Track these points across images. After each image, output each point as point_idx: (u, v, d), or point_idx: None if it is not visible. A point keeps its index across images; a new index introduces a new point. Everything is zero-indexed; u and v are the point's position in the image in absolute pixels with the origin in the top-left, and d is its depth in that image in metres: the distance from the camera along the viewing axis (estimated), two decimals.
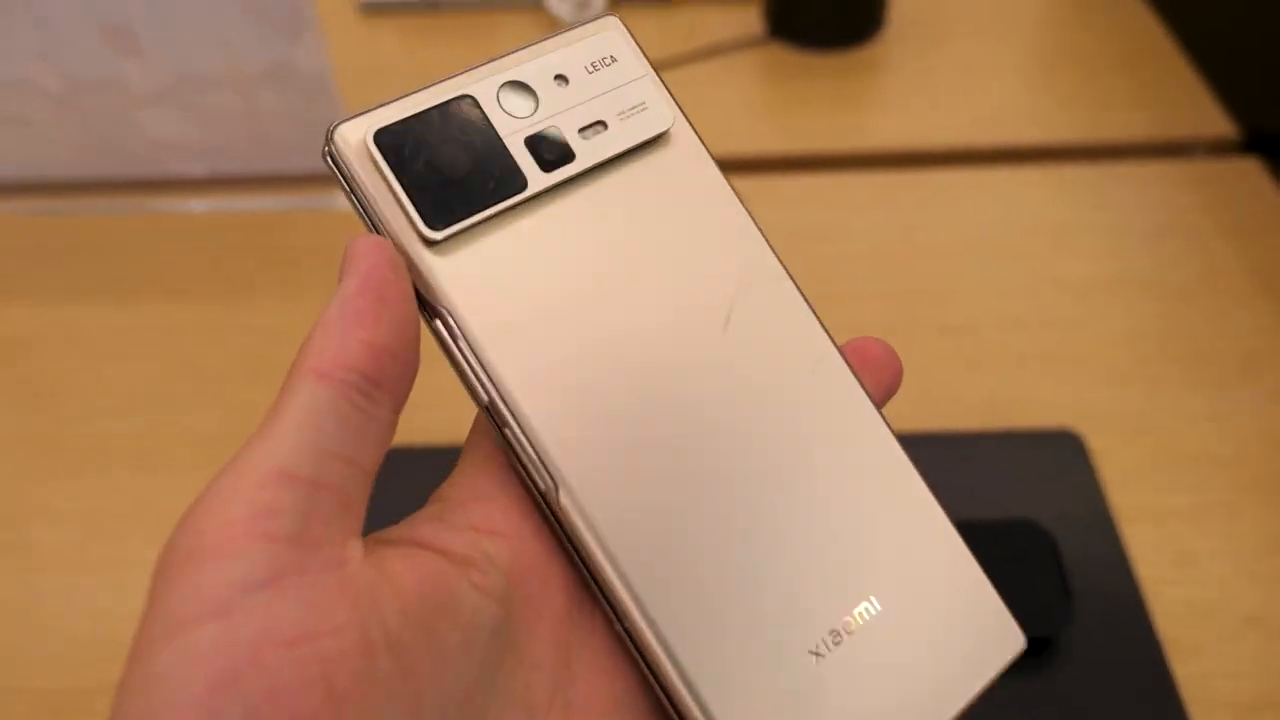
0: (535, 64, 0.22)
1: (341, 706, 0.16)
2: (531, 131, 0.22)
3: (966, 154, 0.70)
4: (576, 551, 0.21)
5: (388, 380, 0.20)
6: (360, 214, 0.21)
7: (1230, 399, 0.54)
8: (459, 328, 0.21)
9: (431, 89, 0.22)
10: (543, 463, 0.20)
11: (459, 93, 0.22)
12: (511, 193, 0.21)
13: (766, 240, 0.24)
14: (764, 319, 0.23)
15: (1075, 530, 0.48)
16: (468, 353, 0.21)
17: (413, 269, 0.21)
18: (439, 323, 0.21)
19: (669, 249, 0.23)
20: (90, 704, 0.45)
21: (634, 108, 0.23)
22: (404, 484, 0.25)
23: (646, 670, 0.21)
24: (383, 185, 0.21)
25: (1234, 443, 0.52)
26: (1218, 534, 0.48)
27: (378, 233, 0.21)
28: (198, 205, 0.67)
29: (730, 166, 0.71)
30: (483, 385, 0.21)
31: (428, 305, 0.21)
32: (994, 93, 0.74)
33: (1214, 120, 0.71)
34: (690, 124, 0.24)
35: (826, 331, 0.24)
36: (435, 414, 0.55)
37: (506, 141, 0.21)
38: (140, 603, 0.49)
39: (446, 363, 0.22)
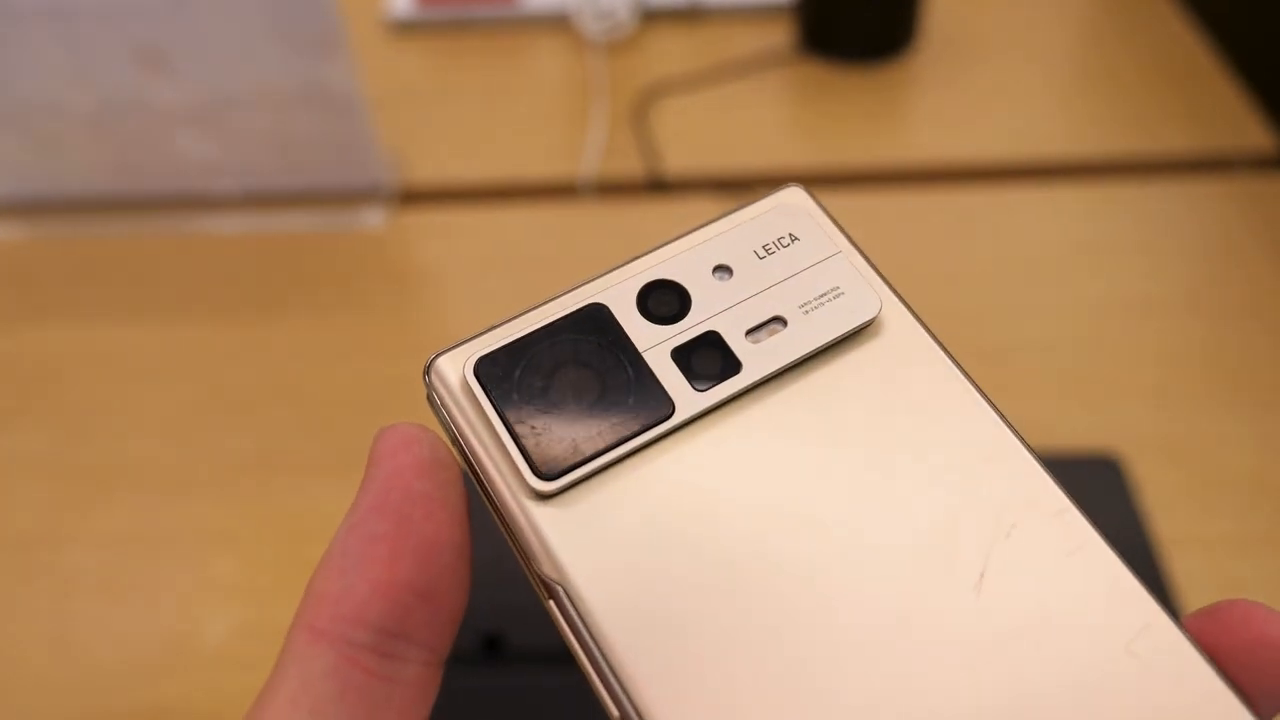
0: (687, 255, 0.18)
1: None
2: (681, 341, 0.17)
3: (1001, 171, 0.69)
4: None
5: (414, 629, 0.15)
6: (465, 467, 0.17)
7: (1276, 422, 0.52)
8: (578, 611, 0.15)
9: (558, 300, 0.18)
10: None
11: (586, 302, 0.17)
12: (652, 423, 0.16)
13: (1038, 459, 0.17)
14: (1043, 575, 0.16)
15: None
16: (591, 646, 0.15)
17: (522, 534, 0.16)
18: (553, 603, 0.15)
19: (879, 484, 0.16)
20: None
21: (823, 296, 0.18)
22: None
23: None
24: (485, 427, 0.17)
25: None
26: (1265, 562, 0.47)
27: (484, 490, 0.17)
28: (229, 224, 0.68)
29: (761, 183, 0.71)
30: (613, 694, 0.15)
31: (541, 580, 0.16)
32: (1029, 108, 0.73)
33: (1255, 134, 0.70)
34: (908, 307, 0.18)
35: (1155, 596, 0.16)
36: None
37: (647, 357, 0.17)
38: (171, 625, 0.49)
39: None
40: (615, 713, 0.15)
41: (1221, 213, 0.64)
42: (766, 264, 0.18)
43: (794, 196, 0.19)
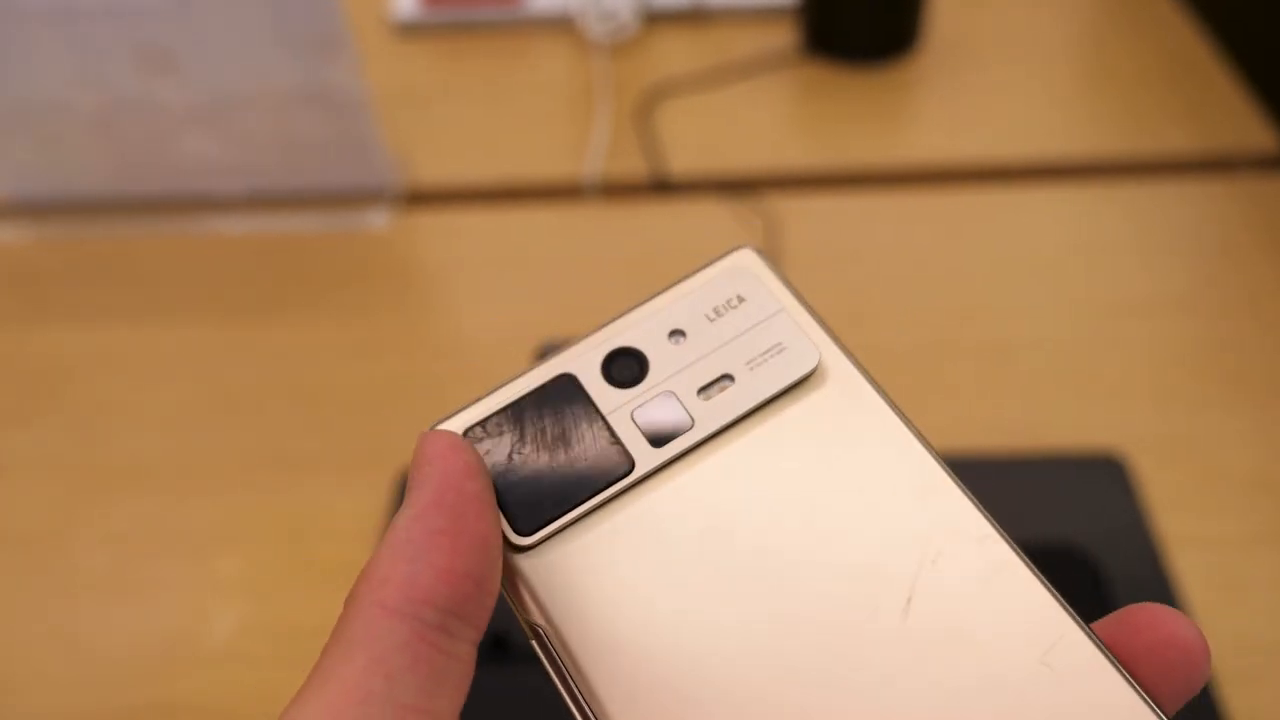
0: (646, 323, 0.19)
1: None
2: (639, 404, 0.19)
3: (1004, 171, 0.69)
4: None
5: (469, 612, 0.17)
6: None
7: (1278, 420, 0.53)
8: (557, 650, 0.17)
9: (533, 371, 0.19)
10: None
11: (557, 373, 0.19)
12: (615, 479, 0.18)
13: (964, 490, 0.19)
14: (965, 598, 0.17)
15: (1119, 557, 0.47)
16: (571, 680, 0.17)
17: (509, 582, 0.18)
18: (535, 643, 0.17)
19: (818, 522, 0.18)
20: None
21: (767, 352, 0.19)
22: None
23: None
24: None
25: None
26: (1270, 561, 0.47)
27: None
28: (234, 225, 0.68)
29: (765, 184, 0.71)
30: (583, 700, 0.17)
31: (525, 623, 0.18)
32: (1032, 109, 0.74)
33: (1257, 134, 0.70)
34: (849, 356, 0.20)
35: (1069, 610, 0.18)
36: None
37: (610, 420, 0.19)
38: (176, 622, 0.50)
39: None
40: None
41: (1223, 212, 0.64)
42: (716, 325, 0.19)
43: (744, 259, 0.20)
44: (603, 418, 0.19)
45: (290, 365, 0.59)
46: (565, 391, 0.19)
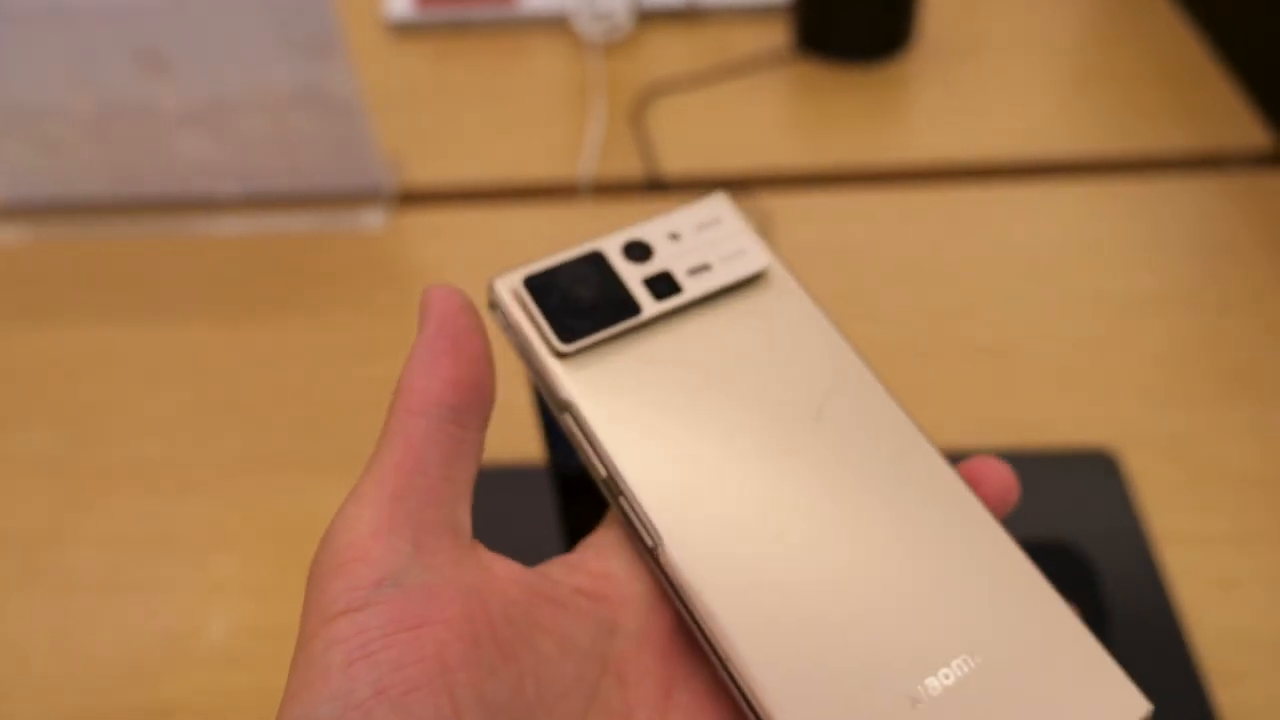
0: (653, 225, 0.28)
1: (452, 676, 0.20)
2: (647, 274, 0.27)
3: (999, 169, 0.69)
4: (681, 601, 0.23)
5: (472, 408, 0.24)
6: (513, 342, 0.26)
7: (1272, 417, 0.53)
8: (583, 418, 0.25)
9: (572, 249, 0.27)
10: (645, 523, 0.24)
11: (589, 250, 0.27)
12: (627, 316, 0.26)
13: (857, 353, 0.27)
14: (854, 412, 0.26)
15: (1112, 553, 0.47)
16: (590, 437, 0.25)
17: (549, 376, 0.25)
18: (567, 415, 0.25)
19: (766, 361, 0.26)
20: None
21: (734, 253, 0.27)
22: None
23: (746, 709, 0.22)
24: (526, 315, 0.26)
25: (1277, 463, 0.51)
26: (1261, 557, 0.47)
27: (527, 356, 0.26)
28: (229, 226, 0.68)
29: (759, 183, 0.71)
30: (602, 462, 0.25)
31: (560, 403, 0.25)
32: (1027, 107, 0.74)
33: (1253, 132, 0.70)
34: (788, 270, 0.28)
35: (914, 422, 0.27)
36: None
37: (626, 281, 0.26)
38: (171, 624, 0.50)
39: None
40: (603, 473, 0.25)
41: (1217, 210, 0.64)
42: (701, 234, 0.28)
43: (719, 199, 0.29)
44: (620, 278, 0.26)
45: (285, 366, 0.59)
46: (595, 261, 0.27)
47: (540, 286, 0.26)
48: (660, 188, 0.69)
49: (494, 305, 0.27)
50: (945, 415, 0.54)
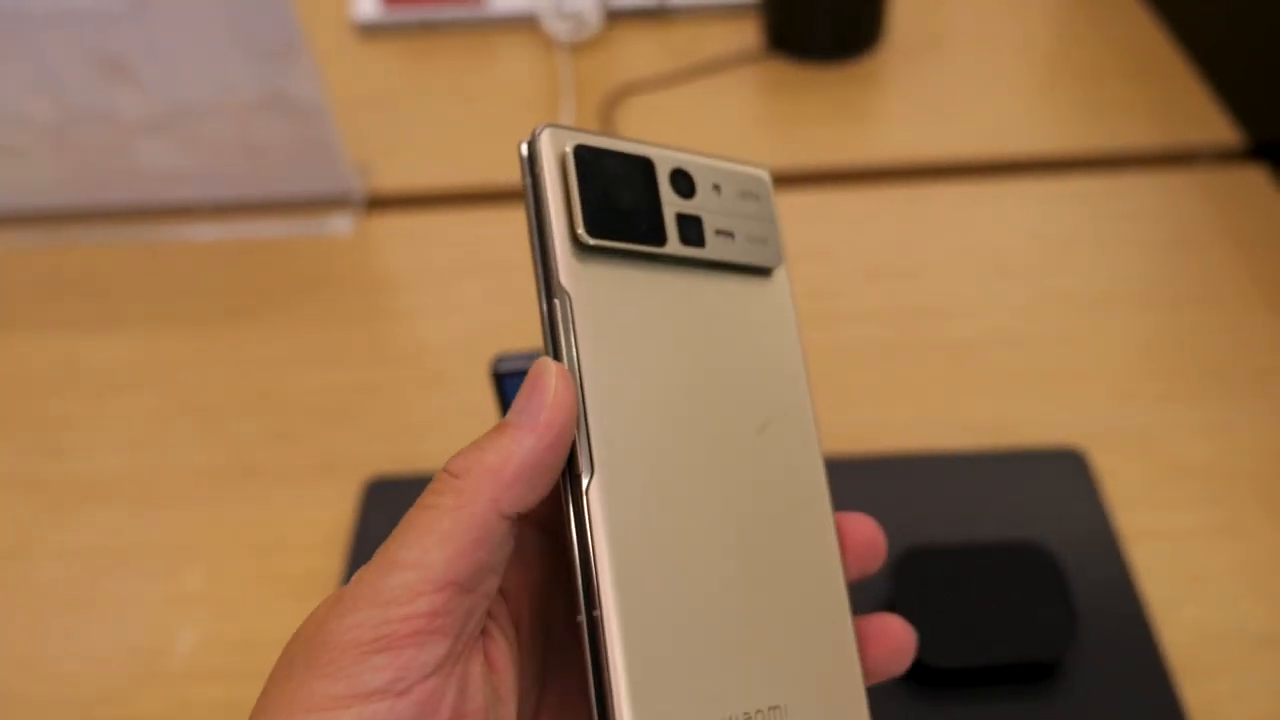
0: (704, 165, 0.27)
1: None
2: (682, 211, 0.26)
3: (967, 167, 0.70)
4: (579, 542, 0.23)
5: (535, 513, 0.24)
6: (531, 206, 0.24)
7: (1238, 413, 0.53)
8: (570, 313, 0.23)
9: (621, 139, 0.25)
10: (587, 447, 0.23)
11: (643, 154, 0.26)
12: (652, 243, 0.25)
13: (808, 386, 0.28)
14: (786, 442, 0.27)
15: (1080, 550, 0.47)
16: (567, 334, 0.23)
17: (555, 256, 0.24)
18: (556, 301, 0.24)
19: (740, 356, 0.26)
20: None
21: (758, 237, 0.27)
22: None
23: (590, 664, 0.23)
24: (562, 187, 0.24)
25: (1243, 458, 0.51)
26: (1228, 552, 0.48)
27: (540, 225, 0.24)
28: (195, 232, 0.67)
29: None
30: (570, 358, 0.24)
31: (555, 287, 0.24)
32: (994, 104, 0.74)
33: (1220, 128, 0.70)
34: (788, 278, 0.29)
35: (827, 477, 0.28)
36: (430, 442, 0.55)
37: (664, 208, 0.25)
38: (140, 638, 0.49)
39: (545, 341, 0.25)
40: (571, 367, 0.23)
41: (1185, 206, 0.65)
42: (739, 201, 0.27)
43: (764, 177, 0.28)
44: (660, 200, 0.25)
45: (253, 374, 0.59)
46: (644, 168, 0.25)
47: (587, 162, 0.24)
48: None
49: (530, 155, 0.24)
50: (914, 414, 0.54)
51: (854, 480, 0.51)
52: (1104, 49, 0.78)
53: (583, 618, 0.23)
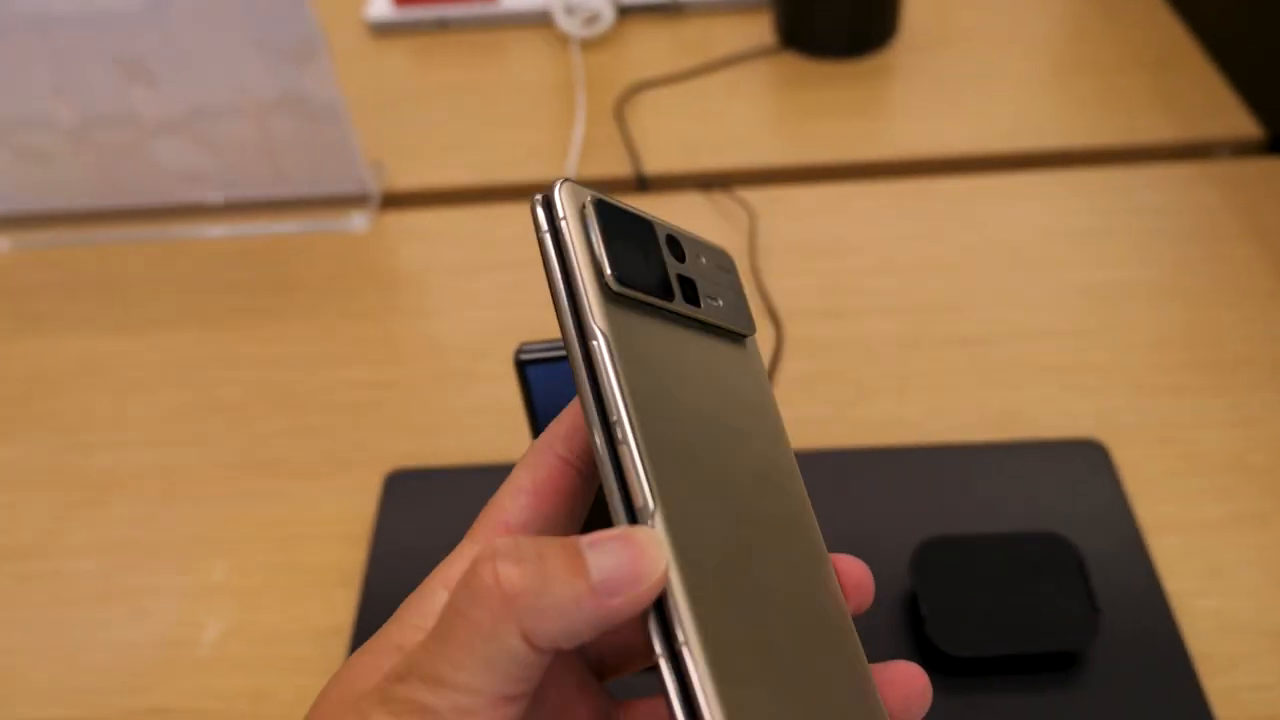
0: (686, 235, 0.28)
1: None
2: (680, 273, 0.27)
3: (982, 161, 0.70)
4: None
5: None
6: (553, 255, 0.25)
7: (1258, 405, 0.53)
8: (611, 351, 0.24)
9: (625, 203, 0.27)
10: (641, 480, 0.23)
11: (645, 216, 0.27)
12: (663, 298, 0.26)
13: (789, 445, 0.29)
14: (786, 492, 0.28)
15: (1101, 542, 0.47)
16: (612, 373, 0.24)
17: (586, 301, 0.24)
18: (594, 344, 0.24)
19: (739, 411, 0.28)
20: None
21: (735, 305, 0.29)
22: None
23: (678, 698, 0.22)
24: (584, 235, 0.24)
25: (1264, 450, 0.51)
26: (1249, 544, 0.48)
27: (564, 276, 0.24)
28: (214, 233, 0.68)
29: (743, 179, 0.71)
30: (615, 401, 0.24)
31: (588, 331, 0.24)
32: (1010, 98, 0.74)
33: (1237, 121, 0.70)
34: (758, 349, 0.30)
35: (809, 508, 0.29)
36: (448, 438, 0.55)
37: (668, 267, 0.27)
38: (165, 630, 0.49)
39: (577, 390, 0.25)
40: (615, 415, 0.24)
41: (1202, 199, 0.65)
42: (717, 273, 0.29)
43: (728, 255, 0.30)
44: (664, 259, 0.27)
45: (272, 371, 0.59)
46: (648, 229, 0.27)
47: (606, 216, 0.25)
48: (644, 184, 0.69)
49: (549, 206, 0.25)
50: (931, 408, 0.54)
51: (873, 471, 0.51)
52: (1119, 41, 0.78)
53: (661, 652, 0.22)
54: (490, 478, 0.27)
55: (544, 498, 0.25)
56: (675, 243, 0.27)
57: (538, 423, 0.36)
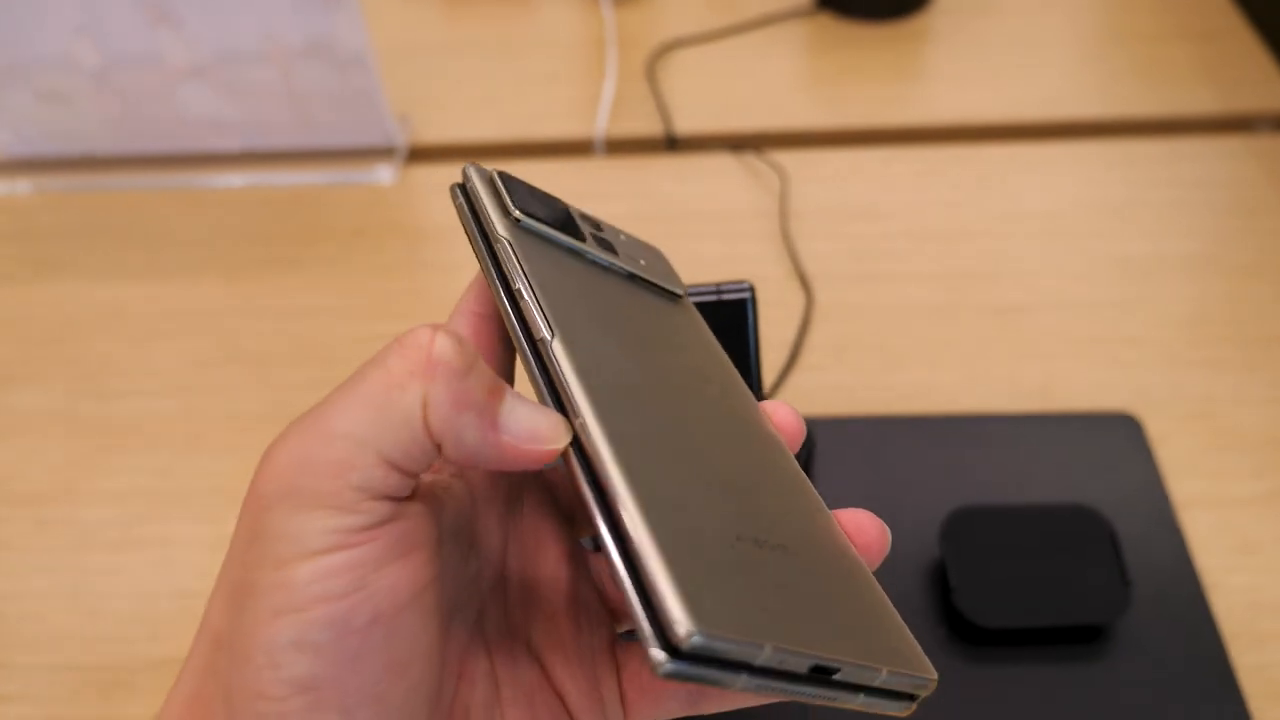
0: (610, 225, 0.30)
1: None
2: (595, 233, 0.29)
3: (1019, 129, 0.68)
4: (555, 396, 0.23)
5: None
6: (465, 213, 0.27)
7: None
8: (515, 251, 0.25)
9: (551, 196, 0.29)
10: (542, 313, 0.24)
11: (557, 198, 0.29)
12: (573, 235, 0.28)
13: (752, 398, 0.29)
14: (734, 402, 0.28)
15: (1133, 516, 0.46)
16: (522, 276, 0.25)
17: (491, 223, 0.26)
18: (499, 246, 0.25)
19: (679, 346, 0.28)
20: (135, 681, 0.45)
21: (663, 274, 0.30)
22: None
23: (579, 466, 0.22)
24: (492, 188, 0.27)
25: None
26: (1279, 519, 0.47)
27: (476, 221, 0.26)
28: (236, 179, 0.67)
29: (774, 141, 0.69)
30: (517, 270, 0.25)
31: (494, 237, 0.26)
32: (1049, 65, 0.72)
33: (1276, 94, 0.68)
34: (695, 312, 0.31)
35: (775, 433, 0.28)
36: None
37: (579, 222, 0.29)
38: (184, 579, 0.49)
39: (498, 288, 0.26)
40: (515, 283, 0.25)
41: (1244, 172, 0.63)
42: (643, 249, 0.31)
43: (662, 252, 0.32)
44: (574, 218, 0.29)
45: (294, 321, 0.59)
46: (558, 201, 0.28)
47: (513, 179, 0.27)
48: (674, 143, 0.68)
49: (463, 184, 0.27)
50: (964, 377, 0.53)
51: (903, 440, 0.50)
52: (1161, 11, 0.76)
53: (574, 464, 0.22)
54: None
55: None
56: (590, 220, 0.29)
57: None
